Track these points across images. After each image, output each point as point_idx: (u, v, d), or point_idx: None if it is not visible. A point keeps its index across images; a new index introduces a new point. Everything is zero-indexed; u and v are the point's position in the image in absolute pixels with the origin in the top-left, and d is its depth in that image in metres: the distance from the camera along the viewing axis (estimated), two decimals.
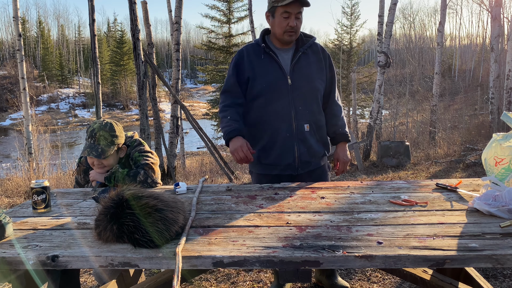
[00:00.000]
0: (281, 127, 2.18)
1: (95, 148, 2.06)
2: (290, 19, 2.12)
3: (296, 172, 2.24)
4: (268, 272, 2.74)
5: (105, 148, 2.07)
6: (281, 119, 2.18)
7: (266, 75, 2.17)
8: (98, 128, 2.09)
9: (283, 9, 2.10)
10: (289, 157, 2.20)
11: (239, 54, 2.23)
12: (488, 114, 11.65)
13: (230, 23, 19.29)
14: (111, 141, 2.10)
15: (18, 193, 6.23)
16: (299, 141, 2.19)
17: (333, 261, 1.25)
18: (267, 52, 2.18)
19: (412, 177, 6.52)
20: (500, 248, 1.25)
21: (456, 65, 31.93)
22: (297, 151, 2.20)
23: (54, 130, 17.89)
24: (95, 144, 2.07)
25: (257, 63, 2.18)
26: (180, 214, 1.49)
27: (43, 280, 1.52)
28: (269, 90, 2.16)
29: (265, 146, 2.21)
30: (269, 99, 2.17)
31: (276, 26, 2.16)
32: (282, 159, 2.21)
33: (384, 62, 8.47)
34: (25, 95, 8.23)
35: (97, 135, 2.07)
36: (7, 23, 53.26)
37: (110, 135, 2.09)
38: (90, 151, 2.06)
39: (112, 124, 2.14)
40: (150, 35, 7.59)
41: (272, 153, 2.21)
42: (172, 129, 8.02)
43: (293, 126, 2.18)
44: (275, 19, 2.15)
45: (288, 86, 2.17)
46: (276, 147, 2.20)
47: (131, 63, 35.40)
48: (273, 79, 2.16)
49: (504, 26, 15.90)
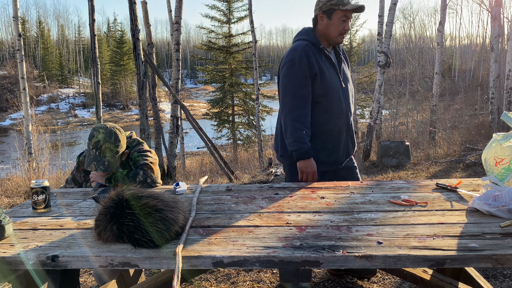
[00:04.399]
0: (342, 127, 2.29)
1: (101, 162, 2.02)
2: (346, 23, 2.20)
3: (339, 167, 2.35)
4: (268, 272, 2.74)
5: (111, 160, 2.04)
6: (341, 118, 2.28)
7: (329, 77, 2.23)
8: (103, 140, 2.03)
9: (343, 13, 2.17)
10: (344, 155, 2.33)
11: (305, 54, 2.18)
12: (488, 114, 11.65)
13: (230, 23, 19.26)
14: (116, 151, 2.06)
15: (18, 193, 6.23)
16: (349, 139, 2.34)
17: (333, 261, 1.25)
18: (325, 53, 2.25)
19: (412, 177, 6.52)
20: (500, 248, 1.25)
21: (456, 65, 31.93)
22: (347, 148, 2.34)
23: (54, 130, 17.89)
24: (100, 157, 2.02)
25: (321, 64, 2.22)
26: (180, 214, 1.49)
27: (43, 280, 1.52)
28: (332, 91, 2.23)
29: (326, 144, 2.28)
30: (331, 99, 2.24)
31: (332, 27, 2.21)
32: (340, 156, 2.32)
33: (384, 62, 8.47)
34: (25, 95, 8.23)
35: (102, 148, 2.02)
36: (7, 23, 53.29)
37: (115, 146, 2.05)
38: (97, 165, 2.02)
39: (117, 134, 2.08)
40: (150, 35, 7.59)
41: (331, 151, 2.29)
42: (172, 129, 8.01)
43: (347, 125, 2.31)
44: (331, 21, 2.20)
45: (342, 87, 2.28)
46: (338, 145, 2.30)
47: (131, 63, 35.39)
48: (334, 80, 2.25)
49: (504, 26, 15.90)
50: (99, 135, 2.04)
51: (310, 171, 2.18)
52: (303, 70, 2.15)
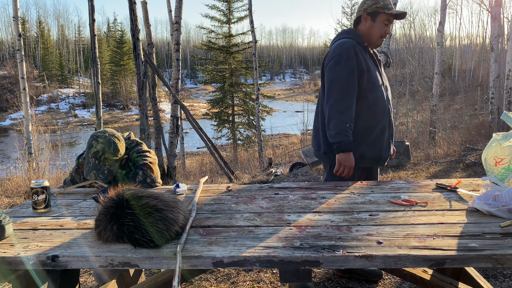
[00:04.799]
0: (385, 125, 2.31)
1: (101, 171, 2.04)
2: (388, 27, 2.26)
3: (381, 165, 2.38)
4: (268, 272, 2.74)
5: (110, 169, 2.06)
6: (385, 116, 2.30)
7: (374, 73, 2.26)
8: (102, 150, 2.04)
9: (387, 17, 2.22)
10: (386, 152, 2.36)
11: (353, 48, 2.19)
12: (488, 114, 11.65)
13: (230, 23, 19.26)
14: (115, 160, 2.08)
15: (18, 193, 6.23)
16: (391, 138, 2.37)
17: (333, 261, 1.25)
18: (369, 52, 2.29)
19: (412, 177, 6.52)
20: (500, 248, 1.25)
21: (456, 65, 31.92)
22: (389, 146, 2.37)
23: (54, 130, 17.89)
24: (100, 166, 2.04)
25: (367, 61, 2.25)
26: (180, 214, 1.49)
27: (43, 280, 1.52)
28: (377, 88, 2.26)
29: (370, 140, 2.29)
30: (376, 97, 2.26)
31: (374, 29, 2.26)
32: (382, 154, 2.33)
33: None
34: (25, 95, 8.23)
35: (101, 158, 2.04)
36: (7, 23, 53.22)
37: (114, 155, 2.07)
38: (96, 174, 2.04)
39: (116, 143, 2.09)
40: (150, 35, 7.59)
41: (375, 148, 2.31)
42: (172, 129, 8.01)
43: (390, 124, 2.34)
44: (375, 23, 2.25)
45: (384, 86, 2.32)
46: (381, 143, 2.31)
47: (131, 63, 35.39)
48: (377, 77, 2.28)
49: (504, 26, 15.89)
50: (97, 145, 2.05)
51: (348, 165, 2.18)
52: (351, 65, 2.17)
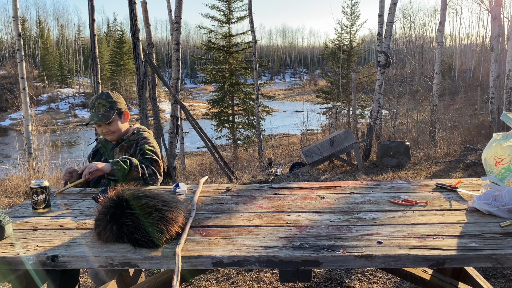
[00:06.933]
0: None
1: (96, 115, 2.31)
2: None
3: None
4: (268, 272, 2.74)
5: (105, 114, 2.31)
6: None
7: None
8: (96, 98, 2.35)
9: None
10: None
11: None
12: (488, 114, 11.65)
13: (230, 23, 19.26)
14: (110, 106, 2.33)
15: (18, 193, 6.23)
16: None
17: (333, 261, 1.25)
18: None
19: (412, 177, 6.52)
20: (500, 248, 1.25)
21: (456, 65, 31.91)
22: None
23: (54, 130, 17.89)
24: (96, 112, 2.32)
25: None
26: (180, 214, 1.49)
27: (43, 280, 1.52)
28: None
29: None
30: None
31: None
32: None
33: (384, 62, 8.47)
34: (25, 95, 8.23)
35: (95, 104, 2.33)
36: (7, 23, 53.21)
37: (107, 102, 2.33)
38: (92, 117, 2.31)
39: (108, 92, 2.38)
40: (150, 35, 7.59)
41: None
42: (172, 129, 8.01)
43: None
44: None
45: None
46: None
47: (131, 63, 35.39)
48: None
49: (504, 26, 15.88)
50: (92, 97, 2.39)
51: None
52: None
